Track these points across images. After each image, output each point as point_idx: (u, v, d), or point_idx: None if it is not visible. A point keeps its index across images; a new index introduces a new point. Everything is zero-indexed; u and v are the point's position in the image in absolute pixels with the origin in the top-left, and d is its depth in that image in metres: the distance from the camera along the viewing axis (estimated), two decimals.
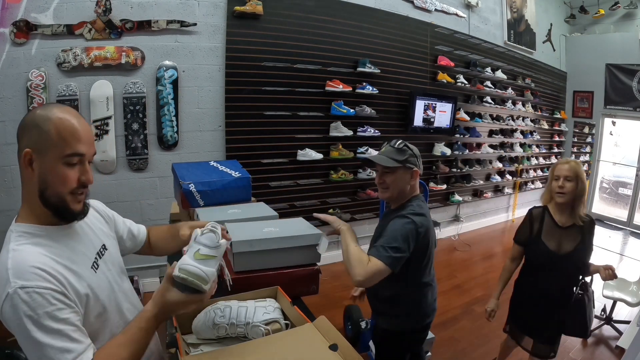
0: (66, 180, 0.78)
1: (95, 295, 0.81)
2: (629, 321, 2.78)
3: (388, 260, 1.27)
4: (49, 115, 0.77)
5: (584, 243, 1.74)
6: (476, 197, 5.08)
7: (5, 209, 2.53)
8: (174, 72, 2.91)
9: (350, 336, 2.48)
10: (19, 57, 2.54)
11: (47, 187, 0.77)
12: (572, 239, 1.74)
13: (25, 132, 0.78)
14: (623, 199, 6.10)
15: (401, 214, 1.39)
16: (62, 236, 0.82)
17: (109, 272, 0.91)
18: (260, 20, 3.10)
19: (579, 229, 1.73)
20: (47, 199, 0.78)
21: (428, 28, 4.16)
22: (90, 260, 0.86)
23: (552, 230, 1.76)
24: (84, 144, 0.80)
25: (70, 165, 0.78)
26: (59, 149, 0.76)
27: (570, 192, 1.71)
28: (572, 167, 1.72)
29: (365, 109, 3.68)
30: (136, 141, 2.89)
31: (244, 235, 1.25)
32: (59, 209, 0.79)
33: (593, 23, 6.03)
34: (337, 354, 0.81)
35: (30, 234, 0.77)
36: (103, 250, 0.93)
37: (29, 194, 0.79)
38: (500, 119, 5.13)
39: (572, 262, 1.74)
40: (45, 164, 0.77)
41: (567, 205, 1.74)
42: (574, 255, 1.73)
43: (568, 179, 1.71)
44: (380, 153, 1.49)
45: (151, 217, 3.00)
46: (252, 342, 0.90)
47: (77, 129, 0.78)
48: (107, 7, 2.64)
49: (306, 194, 3.55)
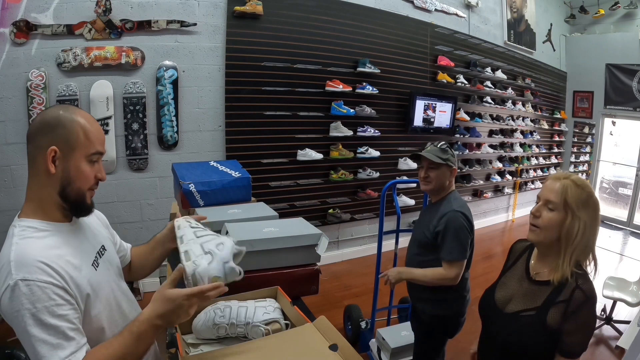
0: (88, 178, 0.84)
1: (95, 293, 0.82)
2: (629, 321, 2.78)
3: (461, 255, 1.55)
4: (73, 117, 0.83)
5: (543, 313, 1.01)
6: (476, 197, 5.08)
7: (5, 209, 2.53)
8: (174, 72, 2.91)
9: (350, 336, 2.48)
10: (19, 57, 2.54)
11: (70, 183, 0.81)
12: (530, 298, 1.07)
13: (49, 131, 0.80)
14: (623, 199, 6.11)
15: (452, 209, 1.57)
16: (66, 232, 0.83)
17: (108, 271, 0.92)
18: (260, 20, 3.10)
19: (554, 292, 1.02)
20: (67, 194, 0.82)
21: (428, 28, 4.16)
22: (92, 258, 0.87)
23: (518, 278, 1.15)
24: (102, 144, 0.87)
25: (92, 162, 0.84)
26: (85, 149, 0.82)
27: (547, 227, 1.04)
28: (563, 189, 1.03)
29: (365, 109, 3.68)
30: (136, 141, 2.89)
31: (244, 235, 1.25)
32: (77, 203, 0.84)
33: (593, 23, 6.03)
34: (337, 354, 0.81)
35: (35, 229, 0.78)
36: (102, 250, 0.94)
37: (41, 191, 0.81)
38: (500, 119, 5.13)
39: (510, 328, 1.08)
40: (71, 161, 0.81)
41: (550, 248, 1.06)
42: (516, 321, 1.07)
43: (550, 207, 1.04)
44: (426, 151, 1.66)
45: (151, 217, 3.00)
46: (252, 342, 0.90)
47: (97, 131, 0.86)
48: (107, 7, 2.64)
49: (306, 194, 3.55)
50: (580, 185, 1.04)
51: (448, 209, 1.58)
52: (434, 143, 1.69)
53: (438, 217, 1.59)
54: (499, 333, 1.12)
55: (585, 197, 1.03)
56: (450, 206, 1.59)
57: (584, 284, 1.00)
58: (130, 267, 1.13)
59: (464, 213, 1.56)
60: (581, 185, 1.04)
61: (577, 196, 1.02)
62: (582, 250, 1.02)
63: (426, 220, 1.67)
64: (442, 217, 1.57)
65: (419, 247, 1.68)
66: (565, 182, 1.04)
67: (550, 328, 1.00)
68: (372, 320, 2.42)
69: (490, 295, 1.18)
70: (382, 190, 2.33)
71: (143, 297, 2.95)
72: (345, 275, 3.54)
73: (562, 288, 1.01)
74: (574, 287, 0.99)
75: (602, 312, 2.87)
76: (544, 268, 1.08)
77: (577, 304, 0.98)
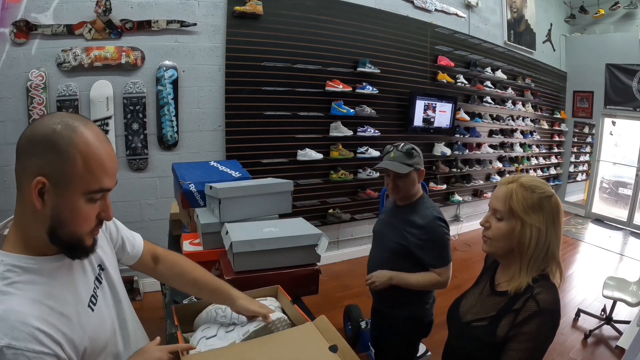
0: (87, 220, 0.67)
1: (93, 342, 0.71)
2: (629, 321, 2.78)
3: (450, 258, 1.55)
4: (72, 137, 0.62)
5: (494, 324, 0.95)
6: (476, 197, 5.08)
7: (5, 209, 2.53)
8: (174, 72, 2.91)
9: (350, 336, 2.48)
10: (19, 57, 2.54)
11: (62, 225, 0.64)
12: (487, 308, 1.00)
13: (38, 152, 0.62)
14: (623, 199, 6.10)
15: (432, 217, 1.51)
16: (56, 269, 0.69)
17: (107, 303, 0.80)
18: (260, 20, 3.10)
19: (509, 302, 0.95)
20: (59, 237, 0.65)
21: (428, 28, 4.16)
22: (88, 295, 0.74)
23: (482, 288, 1.08)
24: (111, 177, 0.69)
25: (93, 201, 0.67)
26: (84, 184, 0.64)
27: (497, 238, 0.97)
28: (507, 196, 0.95)
29: (365, 109, 3.67)
30: (136, 141, 2.89)
31: (244, 235, 1.26)
32: (72, 247, 0.68)
33: (593, 23, 6.02)
34: (336, 356, 0.81)
35: (22, 269, 0.64)
36: (100, 272, 0.81)
37: (28, 223, 0.65)
38: (500, 119, 5.13)
39: (463, 338, 1.05)
40: (62, 198, 0.63)
41: (508, 259, 1.00)
42: (467, 330, 1.03)
43: (497, 216, 0.97)
44: (390, 158, 1.54)
45: (151, 217, 3.00)
46: (253, 341, 0.90)
47: (105, 159, 0.66)
48: (107, 7, 2.64)
49: (306, 194, 3.55)
50: (530, 188, 0.94)
51: (426, 216, 1.50)
52: (397, 146, 1.56)
53: (417, 226, 1.50)
54: (454, 343, 1.10)
55: (536, 201, 0.93)
56: (426, 213, 1.51)
57: (540, 294, 0.90)
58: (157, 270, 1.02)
59: (441, 218, 1.52)
60: (530, 187, 0.94)
61: (524, 201, 0.93)
62: (541, 258, 0.94)
63: (396, 226, 1.58)
64: (422, 227, 1.49)
65: (391, 254, 1.58)
66: (510, 186, 0.95)
67: (499, 339, 0.93)
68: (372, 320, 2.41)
69: (457, 304, 1.12)
70: (382, 190, 2.33)
71: (143, 297, 2.96)
72: (345, 275, 3.54)
73: (517, 298, 0.93)
74: (528, 296, 0.91)
75: (602, 312, 2.87)
76: (505, 278, 1.00)
77: (527, 314, 0.90)
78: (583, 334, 2.72)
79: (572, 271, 4.05)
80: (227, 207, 1.44)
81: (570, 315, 2.98)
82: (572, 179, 6.58)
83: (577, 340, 2.65)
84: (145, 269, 1.01)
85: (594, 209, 6.25)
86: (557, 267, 0.96)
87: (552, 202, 0.95)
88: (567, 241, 4.95)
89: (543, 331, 0.89)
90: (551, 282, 0.95)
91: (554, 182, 6.29)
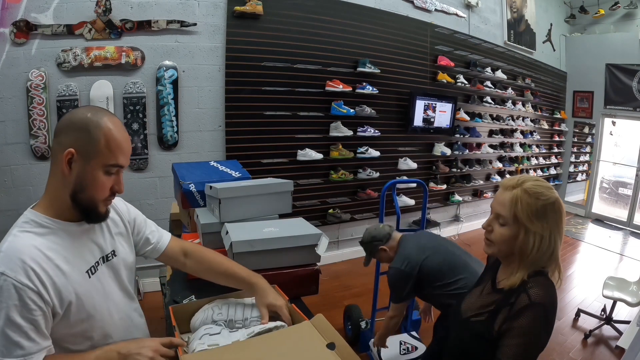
0: (103, 188, 0.82)
1: (80, 301, 0.81)
2: (629, 321, 2.78)
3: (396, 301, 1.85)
4: (100, 122, 0.80)
5: (492, 319, 0.96)
6: (476, 197, 5.08)
7: (5, 209, 2.54)
8: (174, 72, 2.91)
9: (350, 336, 2.48)
10: (19, 57, 2.54)
11: (83, 190, 0.80)
12: (486, 304, 1.01)
13: (72, 132, 0.79)
14: (623, 199, 6.10)
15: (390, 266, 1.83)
16: (70, 233, 0.83)
17: (107, 279, 0.90)
18: (260, 20, 3.10)
19: (504, 297, 0.97)
20: (79, 200, 0.81)
21: (428, 28, 4.16)
22: (89, 264, 0.85)
23: (484, 286, 1.10)
24: (125, 156, 0.84)
25: (109, 174, 0.82)
26: (104, 158, 0.80)
27: (499, 242, 0.98)
28: (513, 202, 0.95)
29: (365, 109, 3.68)
30: (136, 141, 2.89)
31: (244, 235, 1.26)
32: (88, 211, 0.83)
33: (593, 23, 6.02)
34: (334, 353, 0.81)
35: (37, 224, 0.79)
36: (111, 256, 0.92)
37: (56, 188, 0.81)
38: (500, 119, 5.13)
39: (462, 334, 1.07)
40: (86, 168, 0.79)
41: (509, 258, 1.01)
42: (465, 325, 1.05)
43: (500, 221, 0.98)
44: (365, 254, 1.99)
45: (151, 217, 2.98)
46: (250, 339, 0.90)
47: (122, 142, 0.83)
48: (107, 7, 2.64)
49: (306, 194, 3.55)
50: (534, 194, 0.93)
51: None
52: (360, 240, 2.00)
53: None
54: (454, 339, 1.11)
55: (541, 207, 0.93)
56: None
57: (533, 288, 0.91)
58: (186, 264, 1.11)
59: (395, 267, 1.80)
60: (535, 193, 0.93)
61: (529, 208, 0.92)
62: (542, 260, 0.95)
63: None
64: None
65: None
66: (515, 192, 0.94)
67: (496, 333, 0.94)
68: (372, 320, 2.42)
69: (460, 302, 1.13)
70: (382, 190, 2.33)
71: (143, 297, 2.96)
72: (345, 275, 3.54)
73: (512, 293, 0.94)
74: (521, 290, 0.92)
75: (602, 312, 2.87)
76: (505, 276, 1.01)
77: (519, 307, 0.90)
78: (583, 334, 2.72)
79: (572, 271, 4.05)
80: (227, 207, 1.44)
81: (570, 315, 2.98)
82: (572, 179, 6.58)
83: (577, 340, 2.65)
84: (175, 262, 1.13)
85: (594, 209, 6.24)
86: (556, 267, 0.97)
87: (556, 208, 0.95)
88: (567, 241, 4.95)
89: (534, 325, 0.89)
90: (547, 278, 0.96)
91: (554, 182, 6.29)
